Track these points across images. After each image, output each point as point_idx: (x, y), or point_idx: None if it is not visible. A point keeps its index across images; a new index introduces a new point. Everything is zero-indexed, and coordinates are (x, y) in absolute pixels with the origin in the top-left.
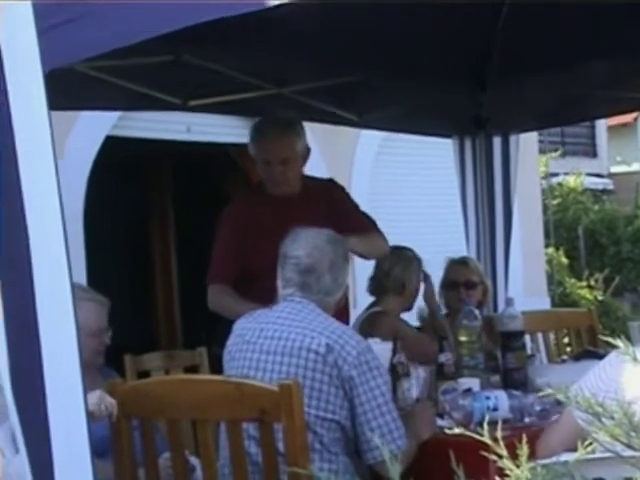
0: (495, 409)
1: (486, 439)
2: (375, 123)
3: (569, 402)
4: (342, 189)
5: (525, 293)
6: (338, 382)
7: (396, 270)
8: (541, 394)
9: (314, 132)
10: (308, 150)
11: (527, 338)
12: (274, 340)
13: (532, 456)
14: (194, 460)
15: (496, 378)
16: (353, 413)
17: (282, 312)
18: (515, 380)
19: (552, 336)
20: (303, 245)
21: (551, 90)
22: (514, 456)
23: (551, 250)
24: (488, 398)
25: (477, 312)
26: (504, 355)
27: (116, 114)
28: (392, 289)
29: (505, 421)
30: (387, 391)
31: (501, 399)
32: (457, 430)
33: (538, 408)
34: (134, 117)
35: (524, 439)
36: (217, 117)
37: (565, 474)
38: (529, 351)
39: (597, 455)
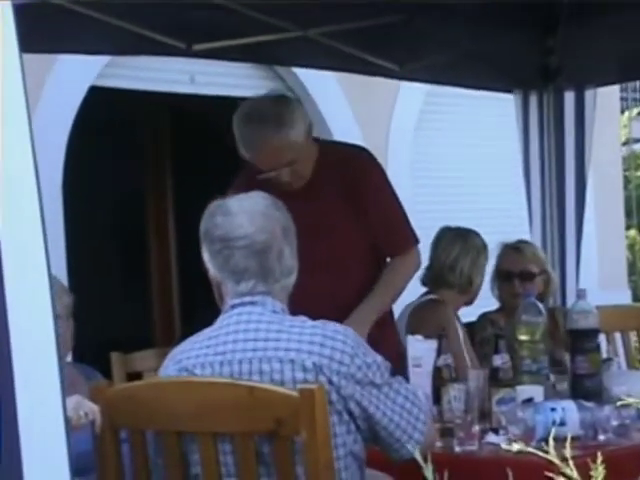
0: (562, 424)
1: (552, 457)
2: (419, 74)
3: None
4: (372, 160)
5: (601, 284)
6: (340, 406)
7: (463, 263)
8: (620, 403)
9: (344, 85)
10: (310, 128)
11: (602, 338)
12: (244, 377)
13: None
14: None
15: (563, 386)
16: (368, 423)
17: (238, 329)
18: (587, 389)
19: (633, 336)
20: (245, 218)
21: (638, 33)
22: None
23: (633, 233)
24: (554, 410)
25: (541, 305)
26: (574, 358)
27: (103, 60)
28: (457, 285)
29: (574, 438)
30: (389, 381)
31: (569, 412)
32: (516, 447)
33: (615, 423)
34: (125, 64)
35: (599, 458)
36: (227, 65)
37: None
38: (604, 354)
39: None
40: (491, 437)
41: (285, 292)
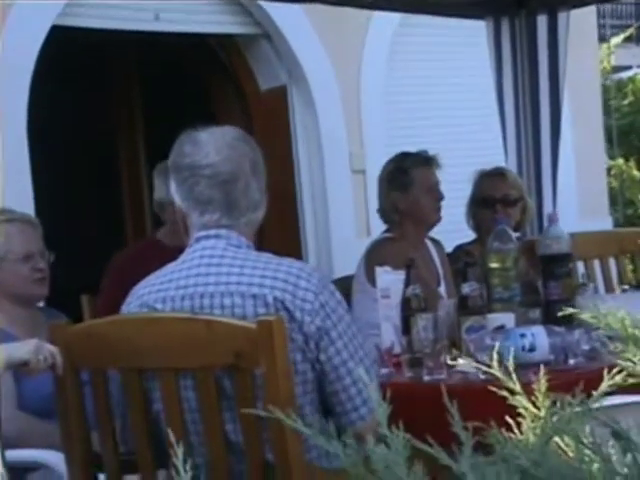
0: (532, 349)
1: (494, 371)
2: (390, 2)
3: (598, 323)
4: None
5: (581, 213)
6: (303, 344)
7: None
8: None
9: (314, 19)
10: None
11: (580, 266)
12: (205, 311)
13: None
14: None
15: (536, 314)
16: (321, 369)
17: (201, 263)
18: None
19: (613, 263)
20: (212, 148)
21: None
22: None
23: (620, 162)
24: (523, 336)
25: (512, 232)
26: (546, 284)
27: None
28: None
29: (545, 364)
30: (353, 327)
31: (539, 337)
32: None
33: (586, 347)
34: (86, 2)
35: (541, 371)
36: (192, 1)
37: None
38: (580, 279)
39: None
40: (460, 366)
41: (251, 227)
